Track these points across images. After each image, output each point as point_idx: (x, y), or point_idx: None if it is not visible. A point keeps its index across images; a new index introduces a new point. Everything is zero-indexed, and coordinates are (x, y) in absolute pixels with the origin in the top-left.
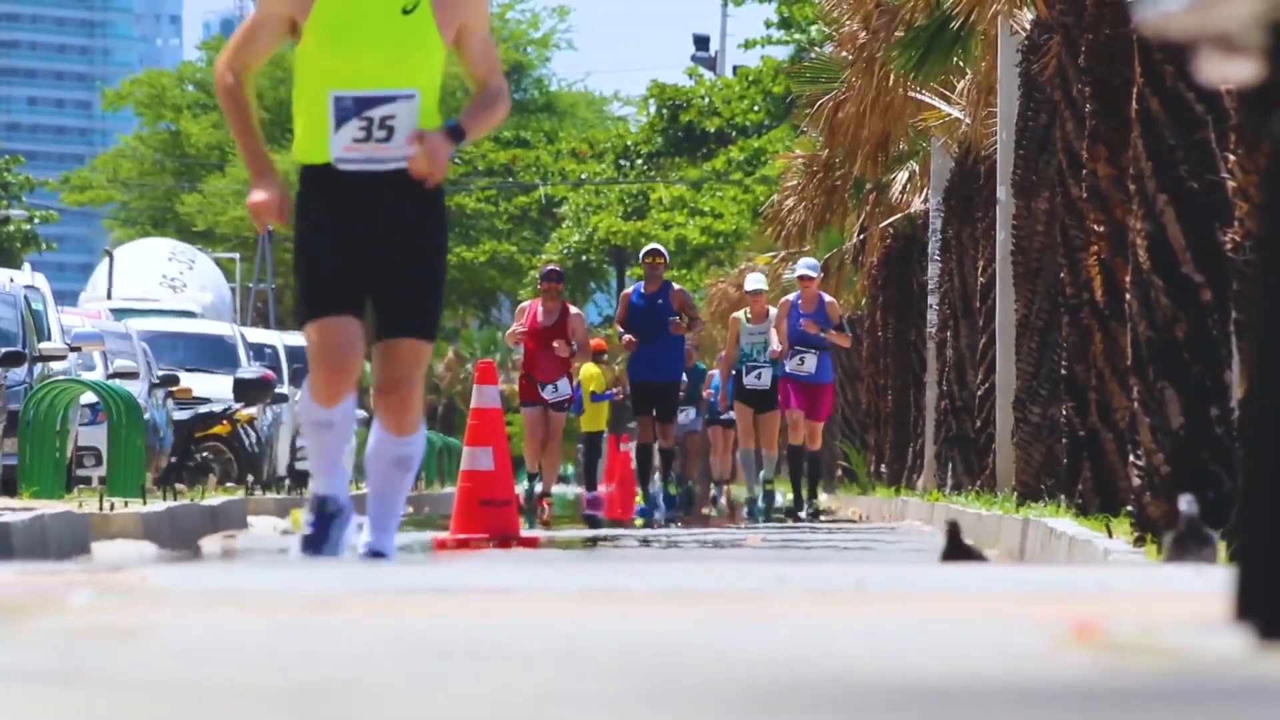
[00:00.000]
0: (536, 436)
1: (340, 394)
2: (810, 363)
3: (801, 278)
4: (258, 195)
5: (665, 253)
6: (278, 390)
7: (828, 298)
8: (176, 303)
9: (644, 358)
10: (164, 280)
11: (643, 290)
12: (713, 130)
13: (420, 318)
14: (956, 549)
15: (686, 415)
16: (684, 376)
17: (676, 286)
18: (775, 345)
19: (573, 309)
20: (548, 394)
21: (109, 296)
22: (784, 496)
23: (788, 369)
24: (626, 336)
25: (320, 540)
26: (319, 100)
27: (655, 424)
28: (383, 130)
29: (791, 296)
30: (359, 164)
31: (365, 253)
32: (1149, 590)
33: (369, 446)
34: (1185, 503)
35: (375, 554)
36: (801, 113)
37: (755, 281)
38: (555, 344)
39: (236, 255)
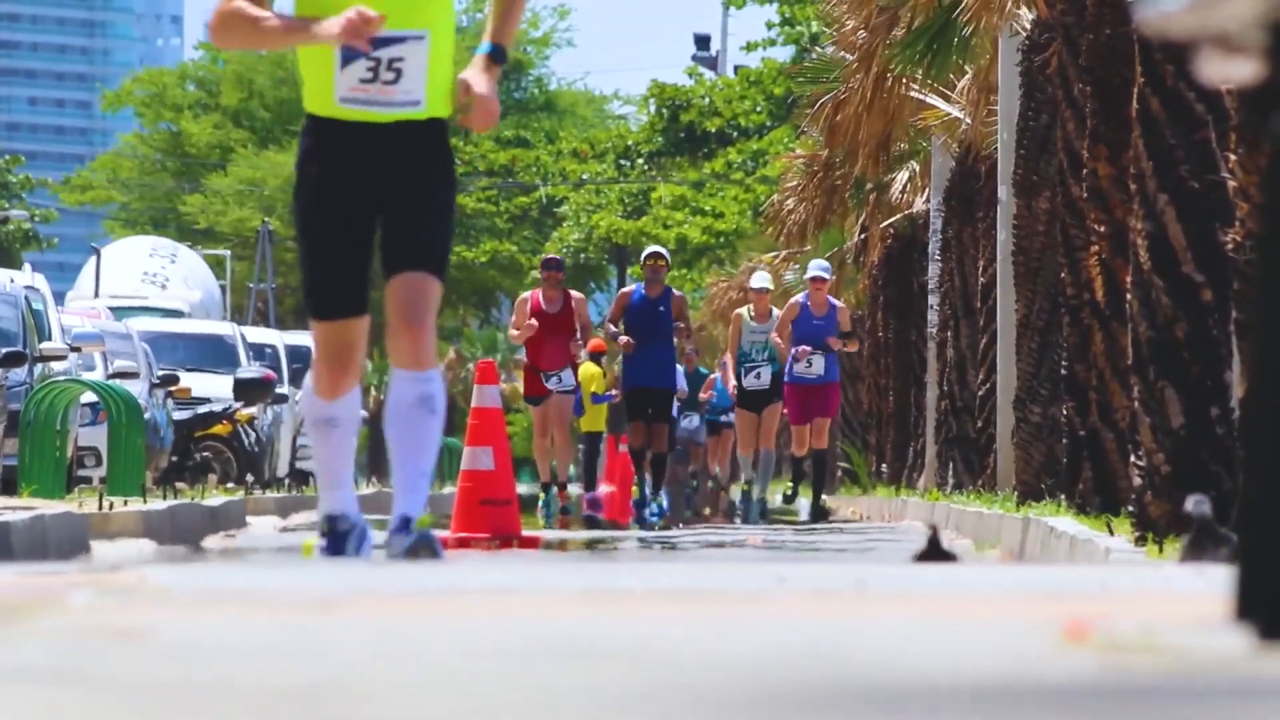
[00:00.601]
0: (546, 437)
1: (343, 388)
2: (818, 365)
3: (814, 279)
4: (331, 25)
5: (668, 255)
6: (278, 390)
7: (838, 303)
8: (164, 300)
9: (640, 363)
10: (146, 277)
11: (644, 292)
12: (713, 130)
13: (430, 252)
14: (932, 551)
15: (691, 421)
16: (684, 383)
17: (677, 292)
18: (777, 339)
19: (574, 294)
20: (551, 384)
21: (96, 295)
22: (784, 498)
23: (795, 372)
24: (623, 338)
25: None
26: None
27: (648, 428)
28: (390, 72)
29: (800, 297)
30: (362, 105)
31: (369, 213)
32: (1150, 590)
33: (388, 403)
34: (1194, 503)
35: (404, 519)
36: (802, 113)
37: (761, 279)
38: (571, 345)
39: (228, 253)
